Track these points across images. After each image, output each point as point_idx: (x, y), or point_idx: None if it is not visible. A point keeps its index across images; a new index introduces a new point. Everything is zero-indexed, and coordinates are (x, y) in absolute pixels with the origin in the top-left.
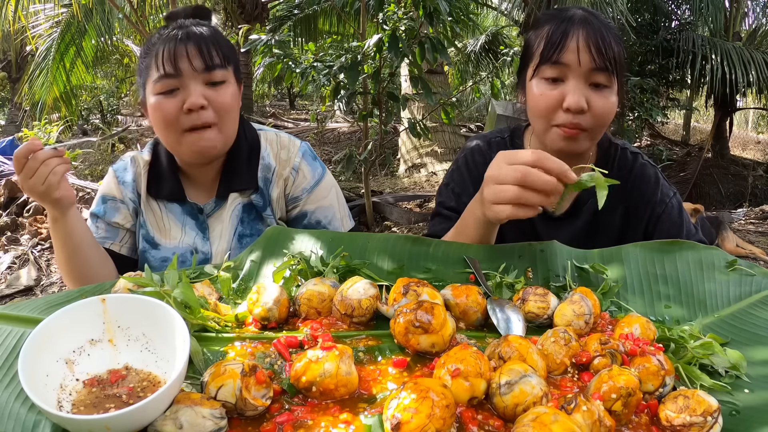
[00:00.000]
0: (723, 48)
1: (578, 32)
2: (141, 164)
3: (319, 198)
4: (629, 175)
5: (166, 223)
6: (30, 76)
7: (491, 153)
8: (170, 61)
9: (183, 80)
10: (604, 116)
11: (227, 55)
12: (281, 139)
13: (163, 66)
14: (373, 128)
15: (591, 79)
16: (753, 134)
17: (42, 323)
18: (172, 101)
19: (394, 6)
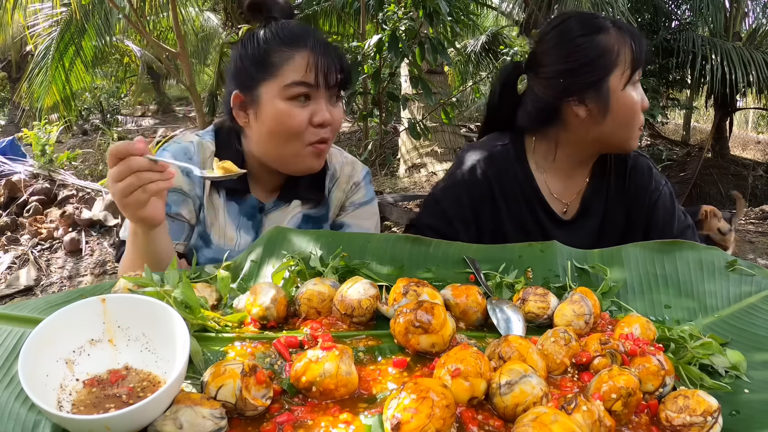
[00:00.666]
0: (723, 48)
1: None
2: (207, 153)
3: (362, 217)
4: (626, 169)
5: (222, 221)
6: (29, 75)
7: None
8: (320, 71)
9: (318, 93)
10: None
11: (350, 73)
12: (346, 156)
13: (312, 73)
14: (373, 128)
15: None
16: (753, 134)
17: (42, 323)
18: (304, 111)
19: (394, 6)
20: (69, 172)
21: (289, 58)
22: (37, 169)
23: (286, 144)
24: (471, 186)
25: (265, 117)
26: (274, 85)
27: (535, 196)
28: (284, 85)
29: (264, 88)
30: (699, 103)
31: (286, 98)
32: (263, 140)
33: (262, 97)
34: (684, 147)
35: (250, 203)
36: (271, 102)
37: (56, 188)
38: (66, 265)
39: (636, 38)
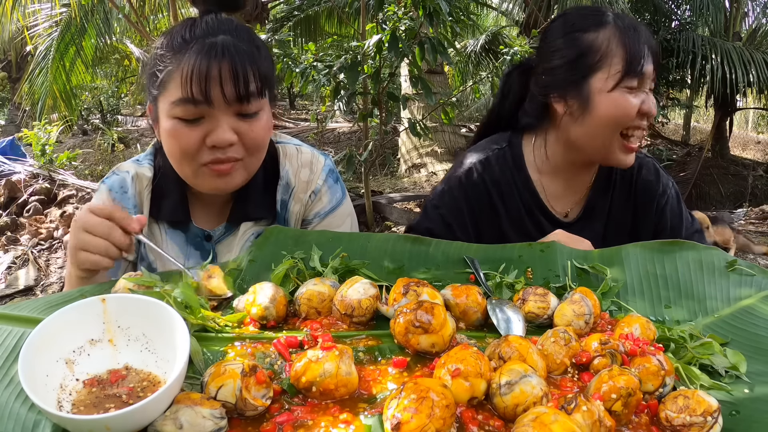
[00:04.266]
0: (723, 48)
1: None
2: (144, 183)
3: (332, 226)
4: (634, 171)
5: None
6: (29, 75)
7: (490, 170)
8: (199, 84)
9: (211, 110)
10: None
11: (265, 80)
12: (303, 156)
13: (190, 89)
14: (373, 128)
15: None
16: (753, 134)
17: (42, 323)
18: (195, 132)
19: (394, 6)
20: (69, 172)
21: (174, 70)
22: (37, 169)
23: (181, 165)
24: (468, 191)
25: (162, 134)
26: (165, 102)
27: (534, 199)
28: (171, 102)
29: (159, 103)
30: (699, 103)
31: (173, 117)
32: (168, 156)
33: (159, 112)
34: (684, 147)
35: (194, 233)
36: (164, 118)
37: (56, 188)
38: (66, 265)
39: (633, 41)
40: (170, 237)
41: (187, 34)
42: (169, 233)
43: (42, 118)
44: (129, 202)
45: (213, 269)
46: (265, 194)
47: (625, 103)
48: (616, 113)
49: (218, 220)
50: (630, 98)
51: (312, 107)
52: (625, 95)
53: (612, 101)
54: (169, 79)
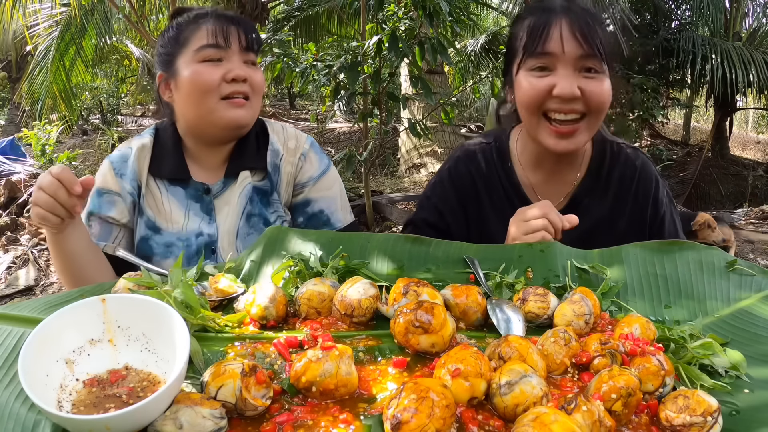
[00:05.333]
0: (723, 48)
1: (561, 20)
2: (144, 150)
3: (323, 188)
4: (635, 173)
5: (167, 206)
6: (30, 75)
7: (476, 162)
8: (222, 33)
9: (228, 53)
10: (600, 102)
11: (260, 41)
12: (288, 131)
13: (215, 36)
14: (373, 128)
15: (581, 65)
16: (753, 134)
17: (42, 323)
18: (216, 69)
19: (394, 6)
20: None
21: (196, 29)
22: (37, 169)
23: (203, 101)
24: (456, 181)
25: (182, 82)
26: (187, 54)
27: (515, 190)
28: (194, 50)
29: (180, 60)
30: (699, 103)
31: (198, 61)
32: (184, 105)
33: (179, 67)
34: (684, 147)
35: (194, 187)
36: (187, 67)
37: None
38: None
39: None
40: (171, 193)
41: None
42: (170, 189)
43: (42, 118)
44: (127, 168)
45: (218, 275)
46: (258, 151)
47: (526, 85)
48: (521, 95)
49: (216, 177)
50: (532, 80)
51: (312, 107)
52: (528, 78)
53: (519, 84)
54: (191, 36)
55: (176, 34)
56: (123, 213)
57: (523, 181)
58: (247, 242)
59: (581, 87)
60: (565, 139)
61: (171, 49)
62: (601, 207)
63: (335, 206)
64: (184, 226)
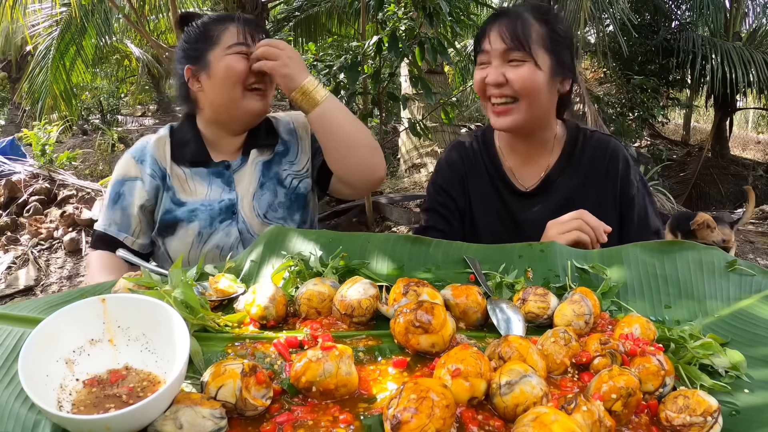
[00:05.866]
0: (723, 48)
1: (495, 23)
2: (162, 140)
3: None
4: (604, 155)
5: (191, 186)
6: (30, 74)
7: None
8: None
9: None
10: (523, 85)
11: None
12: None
13: (244, 36)
14: (373, 128)
15: (507, 57)
16: (753, 134)
17: (42, 323)
18: (245, 62)
19: (394, 6)
20: (69, 172)
21: (225, 29)
22: (37, 169)
23: (233, 89)
24: (451, 165)
25: (216, 72)
26: (219, 50)
27: (496, 171)
28: (227, 47)
29: (211, 55)
30: (699, 103)
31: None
32: (215, 92)
33: (211, 60)
34: (684, 147)
35: (215, 165)
36: (220, 60)
37: (56, 188)
38: (66, 265)
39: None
40: (194, 173)
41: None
42: (193, 171)
43: (42, 118)
44: (147, 155)
45: (218, 276)
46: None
47: (475, 77)
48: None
49: (235, 155)
50: (476, 73)
51: None
52: (476, 72)
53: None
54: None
55: (204, 32)
56: (142, 195)
57: (504, 163)
58: (261, 202)
59: (506, 75)
60: (501, 117)
61: (201, 45)
62: (572, 183)
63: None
64: (207, 195)
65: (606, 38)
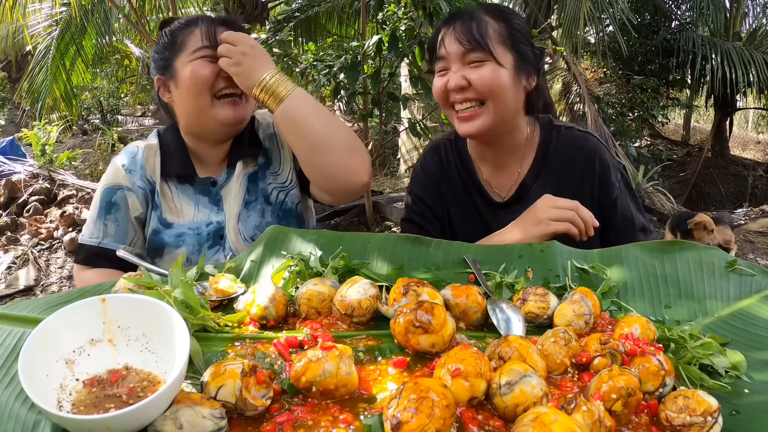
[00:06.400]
0: (723, 48)
1: (449, 27)
2: (151, 150)
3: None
4: (578, 155)
5: (178, 204)
6: (30, 74)
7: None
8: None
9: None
10: (487, 85)
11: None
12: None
13: (208, 38)
14: (373, 128)
15: (467, 60)
16: (753, 134)
17: (42, 323)
18: (211, 66)
19: (394, 6)
20: (69, 172)
21: (190, 33)
22: (37, 169)
23: (200, 97)
24: (426, 171)
25: (182, 79)
26: (184, 56)
27: (471, 180)
28: (191, 52)
29: (177, 62)
30: (699, 103)
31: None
32: (183, 102)
33: (177, 68)
34: (684, 147)
35: (201, 182)
36: (185, 67)
37: (56, 188)
38: (66, 265)
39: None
40: (180, 191)
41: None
42: (179, 188)
43: (42, 118)
44: (137, 165)
45: (218, 276)
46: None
47: (435, 84)
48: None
49: (219, 171)
50: (436, 80)
51: None
52: (435, 79)
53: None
54: (186, 40)
55: (171, 39)
56: (135, 205)
57: (479, 172)
58: (248, 225)
59: (467, 77)
60: (467, 123)
61: (168, 54)
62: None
63: None
64: (195, 217)
65: (606, 38)
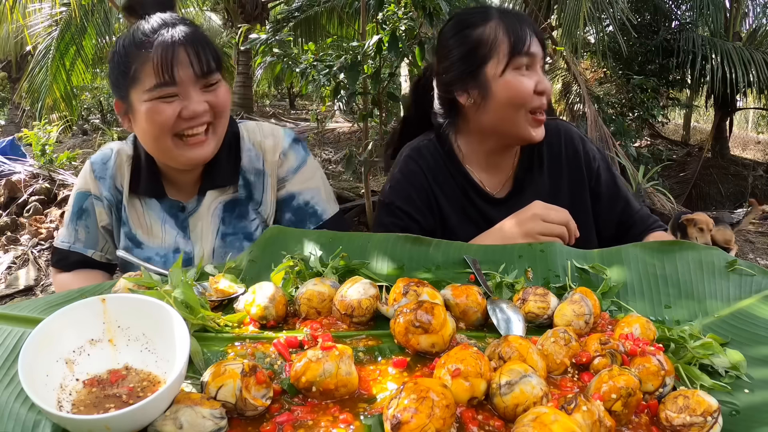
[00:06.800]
0: (723, 48)
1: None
2: (124, 158)
3: (305, 179)
4: (560, 138)
5: (147, 221)
6: (29, 74)
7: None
8: (168, 69)
9: (182, 88)
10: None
11: (218, 56)
12: (263, 128)
13: (162, 75)
14: (373, 128)
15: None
16: (753, 134)
17: (42, 323)
18: (171, 106)
19: (394, 6)
20: (69, 172)
21: (144, 62)
22: (37, 169)
23: (160, 141)
24: (410, 178)
25: (138, 119)
26: (139, 91)
27: (466, 180)
28: (146, 89)
29: (132, 94)
30: (699, 103)
31: (151, 99)
32: (144, 139)
33: (133, 102)
34: (684, 147)
35: (170, 204)
36: (141, 104)
37: (56, 188)
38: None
39: (515, 27)
40: (149, 207)
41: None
42: (148, 203)
43: (42, 118)
44: (107, 173)
45: (218, 276)
46: (228, 164)
47: (518, 84)
48: (512, 94)
49: (190, 194)
50: (522, 79)
51: (312, 107)
52: (517, 77)
53: (506, 84)
54: (140, 71)
55: (125, 64)
56: (102, 216)
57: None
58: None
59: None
60: (540, 127)
61: (122, 81)
62: (541, 179)
63: (319, 196)
64: (163, 239)
65: (606, 38)
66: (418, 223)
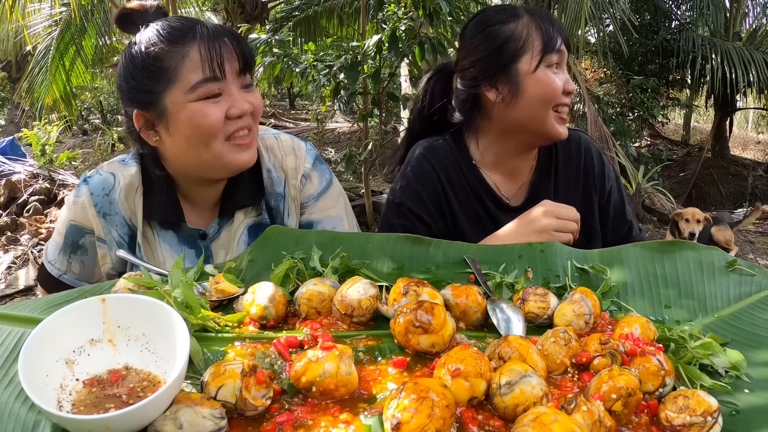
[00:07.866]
0: (723, 48)
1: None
2: (131, 185)
3: (326, 207)
4: (580, 150)
5: (161, 255)
6: (29, 74)
7: (437, 157)
8: (219, 60)
9: (227, 84)
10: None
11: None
12: (284, 145)
13: (211, 68)
14: (373, 128)
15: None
16: (753, 134)
17: (42, 323)
18: (218, 106)
19: (394, 6)
20: (69, 172)
21: (183, 56)
22: (37, 169)
23: (207, 147)
24: (423, 179)
25: (178, 126)
26: (178, 91)
27: (480, 184)
28: (189, 88)
29: (168, 99)
30: (699, 103)
31: (196, 99)
32: (182, 152)
33: (169, 107)
34: (684, 147)
35: (188, 232)
36: (182, 108)
37: (56, 188)
38: None
39: (547, 25)
40: (162, 238)
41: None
42: (161, 234)
43: (42, 118)
44: (113, 208)
45: (218, 276)
46: (251, 183)
47: (550, 81)
48: (544, 90)
49: (209, 219)
50: (554, 76)
51: (312, 107)
52: (548, 73)
53: (538, 80)
54: (179, 68)
55: (155, 64)
56: (106, 259)
57: (486, 177)
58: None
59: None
60: (564, 125)
61: (151, 85)
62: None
63: (342, 228)
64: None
65: (606, 38)
66: (428, 227)
